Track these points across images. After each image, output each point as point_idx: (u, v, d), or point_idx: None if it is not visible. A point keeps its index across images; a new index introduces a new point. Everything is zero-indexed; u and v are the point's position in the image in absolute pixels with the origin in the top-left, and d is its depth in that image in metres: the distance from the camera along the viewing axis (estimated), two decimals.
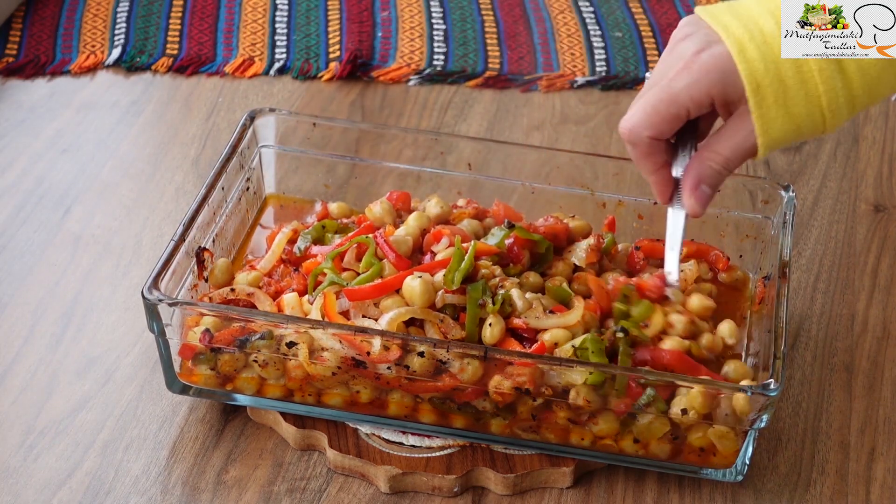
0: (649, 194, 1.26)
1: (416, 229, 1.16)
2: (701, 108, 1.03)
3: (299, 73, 1.60)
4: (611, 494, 1.10)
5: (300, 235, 1.19)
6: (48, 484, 1.08)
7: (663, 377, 1.06)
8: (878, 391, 1.20)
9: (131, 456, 1.11)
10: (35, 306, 1.24)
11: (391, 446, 1.10)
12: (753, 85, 1.00)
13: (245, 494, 1.08)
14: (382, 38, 1.67)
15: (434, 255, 1.14)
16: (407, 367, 1.05)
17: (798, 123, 1.01)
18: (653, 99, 1.04)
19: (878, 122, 1.56)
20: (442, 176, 1.29)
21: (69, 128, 1.49)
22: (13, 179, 1.41)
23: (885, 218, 1.41)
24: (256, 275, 1.16)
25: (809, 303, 1.29)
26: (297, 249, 1.18)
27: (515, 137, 1.51)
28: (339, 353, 1.06)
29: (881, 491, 1.11)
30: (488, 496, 1.09)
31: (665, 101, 1.03)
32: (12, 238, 1.32)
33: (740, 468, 1.08)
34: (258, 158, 1.29)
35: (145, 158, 1.45)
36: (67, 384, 1.17)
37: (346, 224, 1.21)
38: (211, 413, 1.14)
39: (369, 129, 1.36)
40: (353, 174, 1.32)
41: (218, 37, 1.66)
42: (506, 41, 1.68)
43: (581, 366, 1.04)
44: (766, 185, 1.24)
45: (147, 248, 1.32)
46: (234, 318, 1.08)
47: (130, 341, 1.21)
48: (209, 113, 1.53)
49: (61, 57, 1.60)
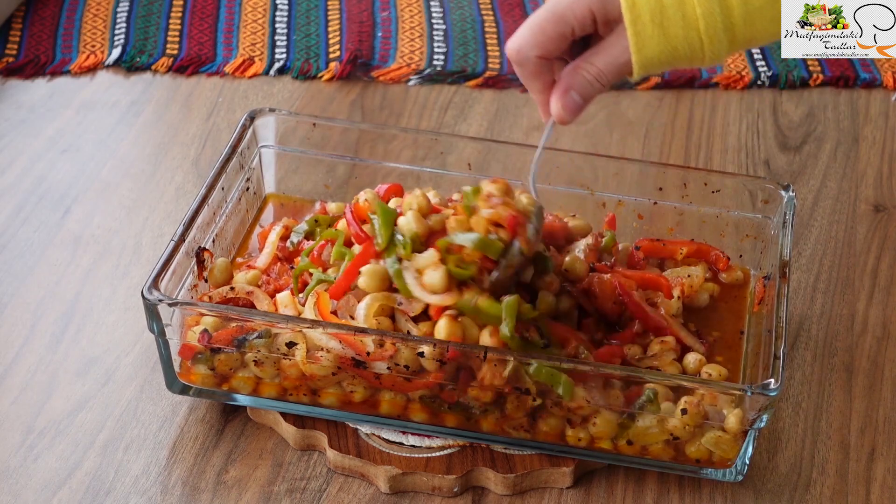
0: (649, 194, 1.26)
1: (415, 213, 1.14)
2: (584, 26, 1.05)
3: (299, 73, 1.60)
4: (611, 494, 1.10)
5: (293, 231, 1.19)
6: (48, 484, 1.08)
7: (661, 377, 1.06)
8: (878, 391, 1.20)
9: (131, 456, 1.11)
10: (35, 306, 1.24)
11: (391, 446, 1.10)
12: (630, 1, 1.02)
13: (245, 494, 1.08)
14: (382, 38, 1.67)
15: None
16: (407, 368, 1.05)
17: (675, 45, 1.03)
18: (538, 18, 1.06)
19: (878, 122, 1.56)
20: (442, 176, 1.29)
21: (69, 128, 1.49)
22: (13, 179, 1.41)
23: (885, 218, 1.41)
24: (255, 273, 1.16)
25: (809, 303, 1.29)
26: (289, 244, 1.18)
27: (515, 137, 1.51)
28: (337, 353, 1.06)
29: (881, 491, 1.11)
30: (488, 496, 1.09)
31: (550, 20, 1.05)
32: (12, 238, 1.33)
33: (740, 468, 1.08)
34: (258, 158, 1.29)
35: (145, 158, 1.45)
36: (67, 384, 1.17)
37: (338, 217, 1.21)
38: (211, 413, 1.14)
39: (369, 129, 1.36)
40: (353, 174, 1.32)
41: (218, 37, 1.66)
42: (506, 41, 1.68)
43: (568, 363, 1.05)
44: (766, 184, 1.24)
45: (147, 248, 1.32)
46: (233, 317, 1.08)
47: (130, 341, 1.21)
48: (209, 113, 1.53)
49: (61, 57, 1.60)
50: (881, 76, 1.63)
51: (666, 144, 1.51)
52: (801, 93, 1.61)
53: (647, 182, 1.26)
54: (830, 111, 1.58)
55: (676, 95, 1.59)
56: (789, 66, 1.63)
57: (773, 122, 1.56)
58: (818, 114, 1.57)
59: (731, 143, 1.52)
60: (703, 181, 1.25)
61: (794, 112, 1.58)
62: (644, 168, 1.28)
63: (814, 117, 1.57)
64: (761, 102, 1.59)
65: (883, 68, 1.64)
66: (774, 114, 1.57)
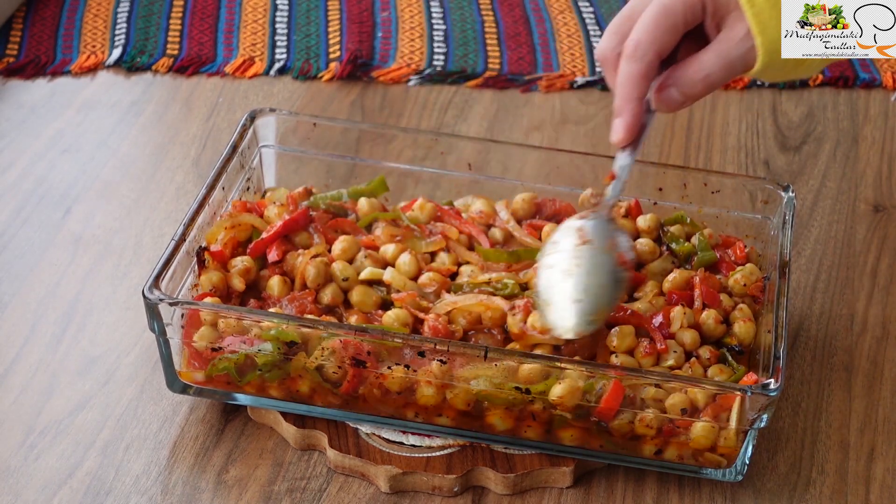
0: (649, 194, 1.26)
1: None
2: (695, 15, 1.02)
3: (299, 74, 1.60)
4: (611, 494, 1.10)
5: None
6: (48, 484, 1.08)
7: (660, 377, 1.06)
8: (878, 391, 1.20)
9: (132, 456, 1.11)
10: (36, 306, 1.24)
11: (391, 446, 1.10)
12: None
13: (245, 494, 1.08)
14: (382, 38, 1.67)
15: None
16: (407, 367, 1.06)
17: None
18: (650, 15, 1.03)
19: (878, 122, 1.56)
20: (442, 176, 1.29)
21: (70, 128, 1.49)
22: (14, 179, 1.41)
23: (885, 218, 1.41)
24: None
25: (809, 303, 1.29)
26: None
27: (515, 137, 1.51)
28: (341, 354, 1.06)
29: (881, 491, 1.11)
30: (488, 496, 1.09)
31: (661, 13, 1.03)
32: (13, 238, 1.33)
33: (740, 468, 1.08)
34: (258, 158, 1.29)
35: (146, 158, 1.45)
36: (68, 384, 1.17)
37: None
38: (211, 413, 1.15)
39: (369, 129, 1.36)
40: (353, 174, 1.32)
41: (218, 37, 1.66)
42: (506, 41, 1.68)
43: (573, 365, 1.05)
44: (766, 185, 1.24)
45: (147, 248, 1.32)
46: (235, 317, 1.08)
47: (131, 341, 1.21)
48: (209, 113, 1.53)
49: (62, 57, 1.60)
50: (881, 76, 1.63)
51: (666, 144, 1.51)
52: (800, 93, 1.61)
53: (647, 182, 1.26)
54: (830, 111, 1.58)
55: None
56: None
57: (772, 123, 1.56)
58: (818, 114, 1.58)
59: (731, 143, 1.52)
60: (702, 181, 1.26)
61: (794, 112, 1.58)
62: (644, 168, 1.28)
63: (813, 117, 1.57)
64: (761, 102, 1.59)
65: (882, 68, 1.64)
66: (774, 114, 1.57)
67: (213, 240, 1.18)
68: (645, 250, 1.20)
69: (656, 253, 1.20)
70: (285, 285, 1.16)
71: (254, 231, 1.20)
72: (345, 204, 1.25)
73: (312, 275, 1.15)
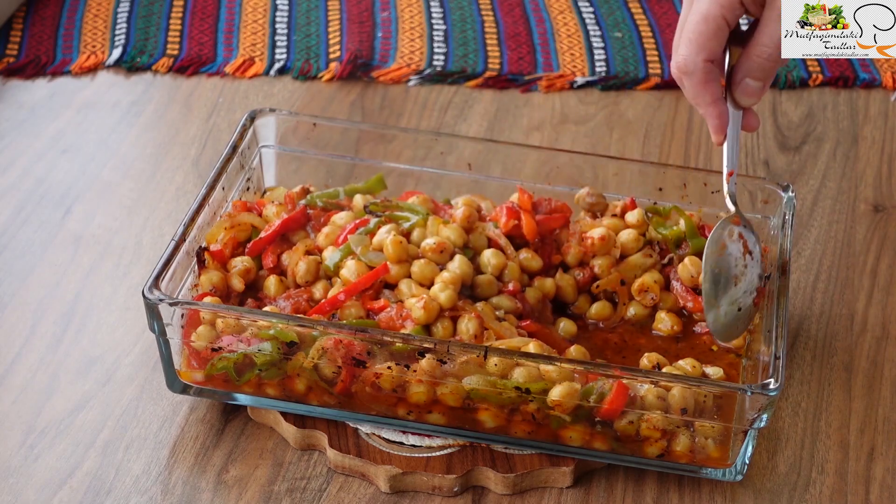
0: (650, 194, 1.26)
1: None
2: (735, 12, 1.04)
3: (299, 74, 1.60)
4: (611, 494, 1.10)
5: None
6: (48, 484, 1.08)
7: (659, 377, 1.06)
8: (878, 391, 1.20)
9: (132, 456, 1.11)
10: (36, 306, 1.24)
11: (391, 446, 1.10)
12: None
13: (245, 494, 1.08)
14: (382, 38, 1.68)
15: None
16: (407, 367, 1.06)
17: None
18: (690, 26, 1.05)
19: (878, 122, 1.56)
20: (442, 176, 1.29)
21: (70, 128, 1.49)
22: (14, 179, 1.41)
23: (885, 218, 1.41)
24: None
25: (809, 302, 1.29)
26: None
27: (515, 137, 1.51)
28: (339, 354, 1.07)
29: (881, 490, 1.11)
30: (488, 496, 1.09)
31: (701, 20, 1.04)
32: (13, 238, 1.33)
33: (740, 468, 1.08)
34: (258, 158, 1.29)
35: (146, 158, 1.45)
36: (68, 384, 1.17)
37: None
38: (211, 413, 1.15)
39: (369, 129, 1.36)
40: (353, 174, 1.32)
41: (218, 37, 1.66)
42: (506, 41, 1.68)
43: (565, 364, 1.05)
44: (766, 185, 1.24)
45: (147, 248, 1.32)
46: (235, 317, 1.08)
47: (131, 341, 1.21)
48: (209, 113, 1.53)
49: (62, 57, 1.60)
50: (881, 76, 1.63)
51: (666, 144, 1.51)
52: (800, 93, 1.61)
53: (647, 182, 1.27)
54: (830, 111, 1.58)
55: (676, 95, 1.59)
56: (789, 67, 1.63)
57: (772, 122, 1.56)
58: (818, 114, 1.58)
59: None
60: (702, 181, 1.26)
61: (794, 112, 1.58)
62: (644, 168, 1.28)
63: (813, 117, 1.57)
64: (761, 102, 1.59)
65: (882, 68, 1.64)
66: (774, 114, 1.57)
67: (213, 240, 1.18)
68: (629, 238, 1.22)
69: (640, 243, 1.22)
70: (281, 284, 1.16)
71: (253, 231, 1.20)
72: (341, 201, 1.25)
73: (302, 271, 1.16)
